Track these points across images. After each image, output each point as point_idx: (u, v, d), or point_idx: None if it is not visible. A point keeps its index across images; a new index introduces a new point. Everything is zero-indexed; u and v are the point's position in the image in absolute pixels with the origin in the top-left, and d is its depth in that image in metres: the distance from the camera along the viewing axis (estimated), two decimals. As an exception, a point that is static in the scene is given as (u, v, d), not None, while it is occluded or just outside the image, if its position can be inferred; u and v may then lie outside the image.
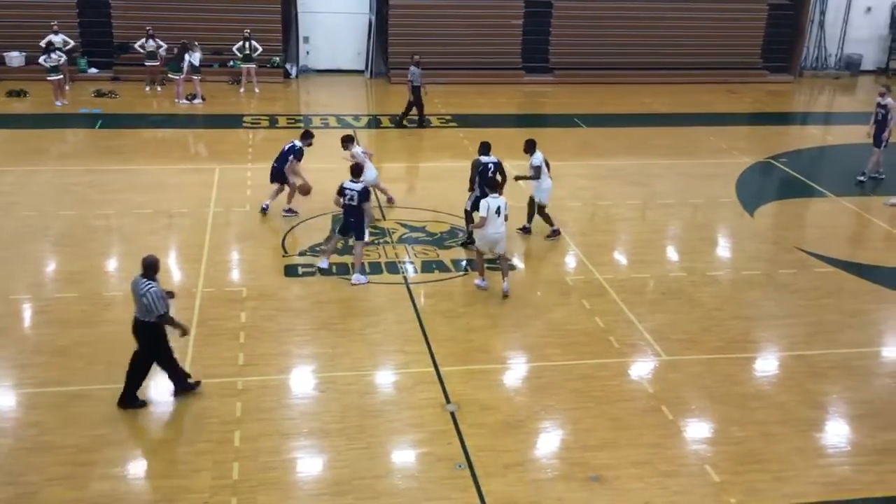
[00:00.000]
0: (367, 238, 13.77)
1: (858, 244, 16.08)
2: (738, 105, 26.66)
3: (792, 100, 28.47)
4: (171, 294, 10.16)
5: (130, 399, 10.11)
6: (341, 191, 13.51)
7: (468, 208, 14.84)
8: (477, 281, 13.56)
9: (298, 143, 15.98)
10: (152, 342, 9.98)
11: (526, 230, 15.61)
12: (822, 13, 30.51)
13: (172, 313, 10.06)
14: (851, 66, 30.97)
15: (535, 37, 28.57)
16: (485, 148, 14.64)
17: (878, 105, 19.35)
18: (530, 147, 15.13)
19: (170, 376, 10.29)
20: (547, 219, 15.37)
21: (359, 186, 13.40)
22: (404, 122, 22.75)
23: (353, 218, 13.54)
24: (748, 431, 10.18)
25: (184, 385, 10.35)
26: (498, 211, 12.82)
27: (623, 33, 28.67)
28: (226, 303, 12.76)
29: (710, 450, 9.87)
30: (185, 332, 10.16)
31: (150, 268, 9.84)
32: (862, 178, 19.18)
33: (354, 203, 13.41)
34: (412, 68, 22.30)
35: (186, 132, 21.96)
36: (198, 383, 10.48)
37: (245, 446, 9.57)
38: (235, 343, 11.65)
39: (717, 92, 27.73)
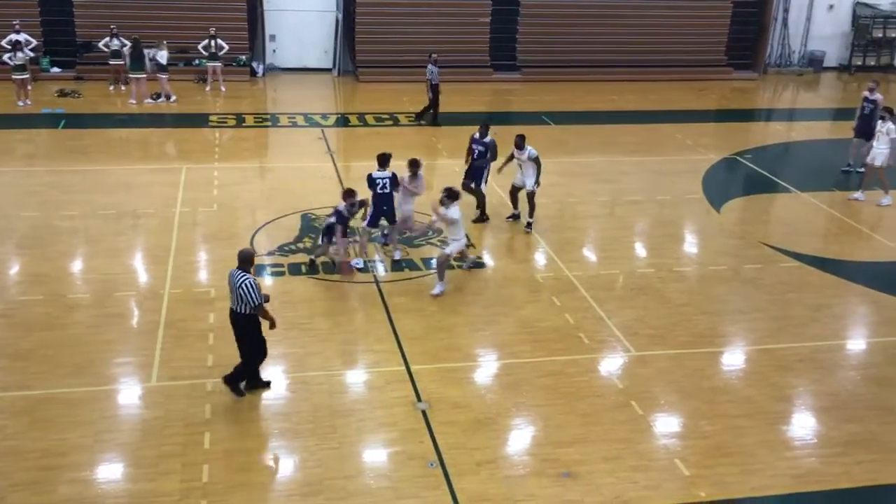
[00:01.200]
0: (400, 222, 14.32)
1: (822, 239, 16.30)
2: (704, 102, 26.91)
3: (756, 97, 28.81)
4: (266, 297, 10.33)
5: (255, 378, 10.51)
6: (371, 182, 13.86)
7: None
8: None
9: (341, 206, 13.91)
10: (250, 331, 10.21)
11: (515, 217, 16.06)
12: (786, 11, 30.89)
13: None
14: (815, 63, 31.40)
15: (503, 35, 28.61)
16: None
17: (866, 100, 19.35)
18: (522, 141, 15.40)
19: (244, 366, 10.41)
20: (528, 205, 15.81)
21: (388, 174, 13.88)
22: (421, 121, 22.86)
23: (385, 206, 13.96)
24: (717, 425, 10.29)
25: (256, 380, 10.58)
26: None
27: (590, 31, 28.82)
28: (194, 304, 12.64)
29: (680, 444, 9.96)
30: (273, 324, 10.26)
31: (247, 260, 10.14)
32: (849, 169, 19.53)
33: (387, 190, 13.88)
34: (430, 66, 22.39)
35: (152, 132, 21.72)
36: (268, 383, 10.68)
37: (215, 448, 9.49)
38: (204, 345, 11.54)
39: (684, 89, 27.97)
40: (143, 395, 10.45)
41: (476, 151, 16.00)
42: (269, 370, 11.12)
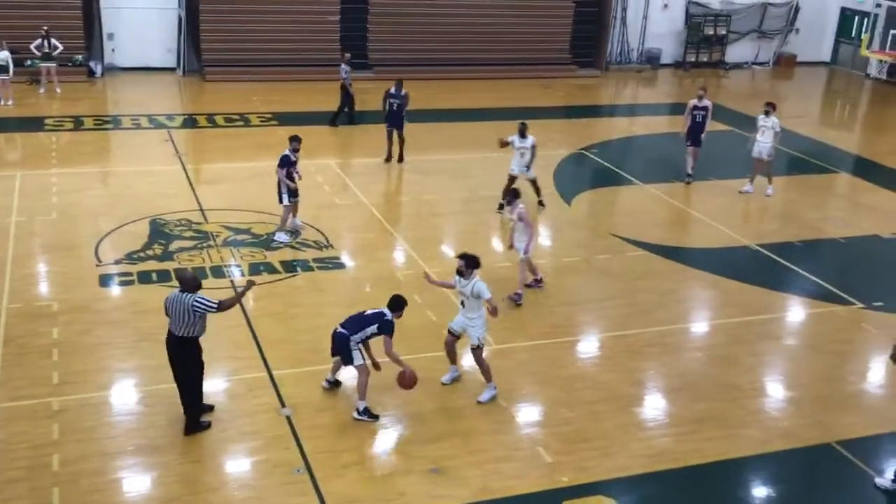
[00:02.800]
0: None
1: (665, 228, 17.11)
2: (552, 99, 27.72)
3: (599, 93, 29.95)
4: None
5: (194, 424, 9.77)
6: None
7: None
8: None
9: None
10: (196, 352, 9.68)
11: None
12: (624, 10, 32.23)
13: None
14: (652, 60, 32.92)
15: (353, 33, 28.46)
16: None
17: (696, 108, 18.84)
18: (525, 129, 16.61)
19: (193, 397, 9.77)
20: (534, 189, 17.05)
21: None
22: (336, 122, 22.50)
23: None
24: (576, 412, 10.62)
25: (195, 424, 9.77)
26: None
27: (439, 28, 29.11)
28: (35, 318, 11.90)
29: (542, 432, 10.23)
30: (250, 284, 10.08)
31: (189, 283, 9.55)
32: (689, 179, 19.20)
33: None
34: (343, 66, 22.19)
35: (-20, 136, 20.30)
36: (212, 406, 10.11)
37: (65, 470, 8.98)
38: (48, 361, 10.88)
39: (532, 86, 28.71)
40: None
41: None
42: (121, 385, 10.64)
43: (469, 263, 10.60)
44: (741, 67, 34.24)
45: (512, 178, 16.58)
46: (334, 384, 10.72)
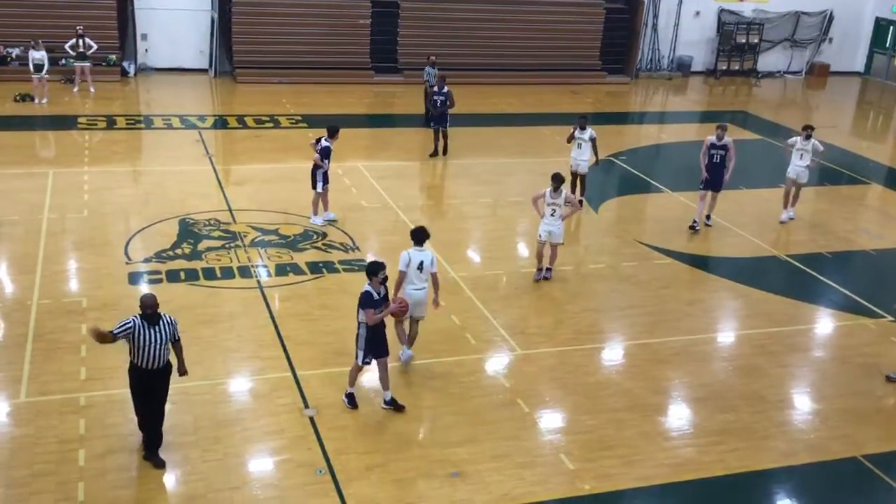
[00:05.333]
0: None
1: (692, 236, 16.98)
2: (580, 105, 27.62)
3: (629, 100, 29.81)
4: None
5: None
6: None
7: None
8: (403, 353, 11.40)
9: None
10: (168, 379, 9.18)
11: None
12: (655, 17, 32.08)
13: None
14: (683, 68, 32.73)
15: (384, 37, 28.59)
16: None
17: (714, 146, 16.40)
18: (584, 122, 17.20)
19: (155, 426, 9.25)
20: (581, 186, 17.52)
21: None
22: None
23: None
24: (599, 419, 10.57)
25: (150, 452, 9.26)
26: (420, 266, 11.16)
27: (469, 34, 29.12)
28: (65, 315, 12.06)
29: (564, 439, 10.19)
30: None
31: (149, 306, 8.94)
32: (708, 224, 17.10)
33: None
34: (428, 69, 22.50)
35: (16, 134, 20.59)
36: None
37: (91, 465, 9.08)
38: (76, 357, 11.02)
39: (560, 92, 28.65)
40: (12, 411, 9.89)
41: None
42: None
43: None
44: (773, 76, 33.95)
45: (575, 175, 17.33)
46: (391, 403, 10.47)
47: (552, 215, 13.75)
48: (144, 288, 13.05)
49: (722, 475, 9.75)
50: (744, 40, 32.85)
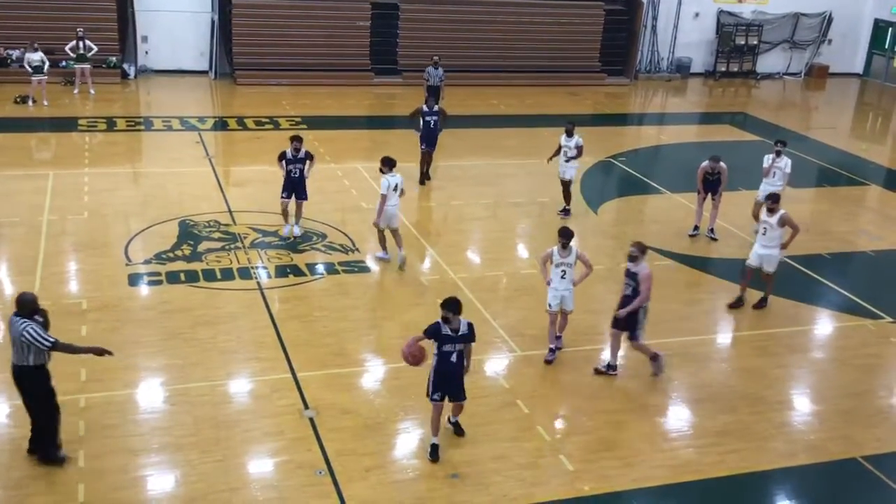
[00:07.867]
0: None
1: (692, 237, 16.98)
2: (579, 107, 27.64)
3: (628, 101, 29.83)
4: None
5: (52, 449, 9.08)
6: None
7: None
8: (378, 254, 14.53)
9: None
10: (37, 386, 8.89)
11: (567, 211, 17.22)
12: (655, 18, 32.10)
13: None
14: (682, 69, 32.75)
15: (383, 38, 28.61)
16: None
17: (708, 174, 16.28)
18: (572, 129, 16.97)
19: (44, 428, 9.05)
20: (567, 194, 17.28)
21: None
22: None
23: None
24: (598, 420, 10.58)
25: (51, 453, 9.08)
26: (396, 187, 13.95)
27: (468, 36, 29.15)
28: (64, 316, 12.03)
29: (564, 440, 10.19)
30: (100, 351, 9.09)
31: (27, 305, 8.74)
32: (714, 238, 16.80)
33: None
34: (430, 69, 22.40)
35: (16, 136, 20.60)
36: (65, 459, 9.13)
37: (90, 466, 9.09)
38: (76, 358, 10.97)
39: (559, 94, 28.67)
40: (10, 413, 9.89)
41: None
42: (147, 383, 10.75)
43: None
44: (772, 78, 33.97)
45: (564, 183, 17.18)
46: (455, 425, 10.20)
47: (562, 278, 11.76)
48: (144, 289, 13.06)
49: (721, 476, 9.75)
50: (743, 42, 32.91)
